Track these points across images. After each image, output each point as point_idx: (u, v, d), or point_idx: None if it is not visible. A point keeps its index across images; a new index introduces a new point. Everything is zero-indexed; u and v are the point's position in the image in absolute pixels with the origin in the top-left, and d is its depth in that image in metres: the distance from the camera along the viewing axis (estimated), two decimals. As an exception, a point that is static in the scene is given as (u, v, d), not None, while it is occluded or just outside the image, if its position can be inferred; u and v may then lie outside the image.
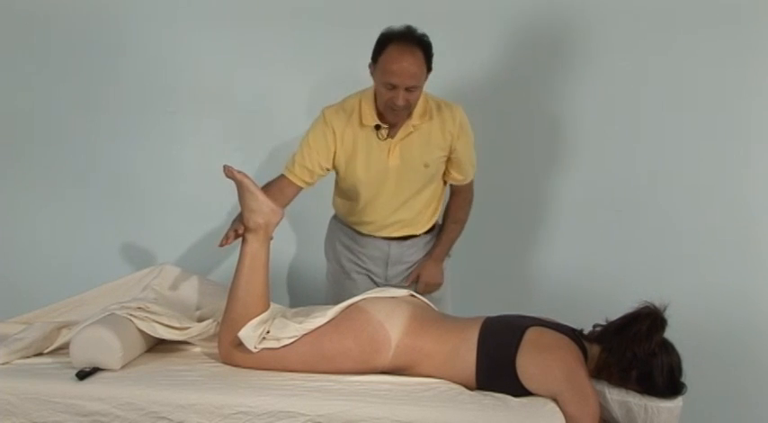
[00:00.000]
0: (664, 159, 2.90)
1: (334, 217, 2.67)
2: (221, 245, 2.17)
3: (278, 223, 2.17)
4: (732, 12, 2.78)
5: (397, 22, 2.27)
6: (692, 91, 2.85)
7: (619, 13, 2.84)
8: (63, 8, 3.12)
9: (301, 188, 2.41)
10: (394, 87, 2.21)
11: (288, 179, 2.40)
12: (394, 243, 2.53)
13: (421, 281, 2.56)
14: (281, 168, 2.45)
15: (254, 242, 2.14)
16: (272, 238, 2.18)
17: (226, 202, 3.05)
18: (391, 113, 2.29)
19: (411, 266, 2.58)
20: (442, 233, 2.59)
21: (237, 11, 3.04)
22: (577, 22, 2.87)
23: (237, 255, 2.19)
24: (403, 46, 2.20)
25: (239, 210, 2.33)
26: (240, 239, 2.17)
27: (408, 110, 2.30)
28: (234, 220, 2.28)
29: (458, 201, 2.58)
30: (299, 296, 3.13)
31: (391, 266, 2.55)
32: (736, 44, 2.80)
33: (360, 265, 2.56)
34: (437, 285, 2.59)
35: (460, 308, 2.42)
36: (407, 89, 2.22)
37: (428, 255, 2.58)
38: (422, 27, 2.26)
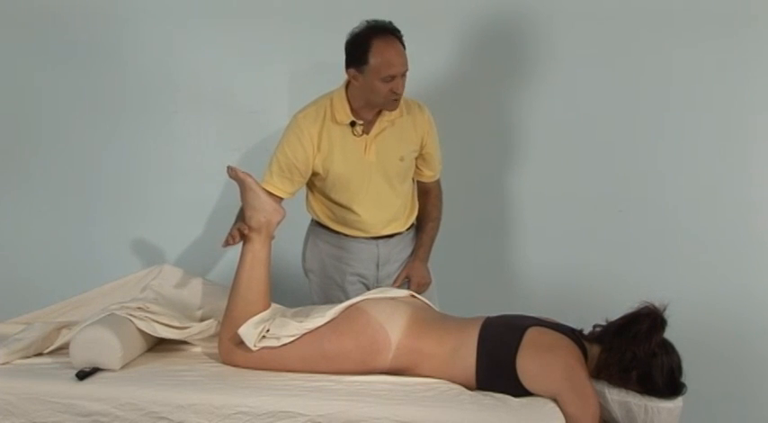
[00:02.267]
0: (664, 159, 2.89)
1: (314, 225, 2.59)
2: (225, 245, 2.16)
3: (280, 222, 2.18)
4: (732, 10, 2.78)
5: (406, 23, 2.33)
6: (693, 90, 2.85)
7: (615, 10, 2.84)
8: (63, 8, 3.12)
9: (282, 199, 2.36)
10: (393, 78, 2.26)
11: (267, 191, 2.30)
12: (381, 242, 2.52)
13: (412, 282, 2.56)
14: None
15: (255, 241, 2.15)
16: (273, 238, 2.19)
17: (225, 202, 3.05)
18: (392, 104, 2.33)
19: (401, 265, 2.58)
20: (421, 233, 2.61)
21: (238, 11, 3.04)
22: (569, 17, 2.87)
23: (237, 255, 2.20)
24: (385, 37, 2.27)
25: (239, 209, 2.34)
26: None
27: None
28: (236, 220, 2.27)
29: (430, 199, 2.62)
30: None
31: (382, 267, 2.54)
32: (737, 43, 2.79)
33: (351, 273, 2.52)
34: (428, 285, 2.60)
35: (458, 310, 2.41)
36: (403, 74, 2.29)
37: (413, 256, 2.58)
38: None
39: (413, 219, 2.61)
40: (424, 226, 2.62)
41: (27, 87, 3.21)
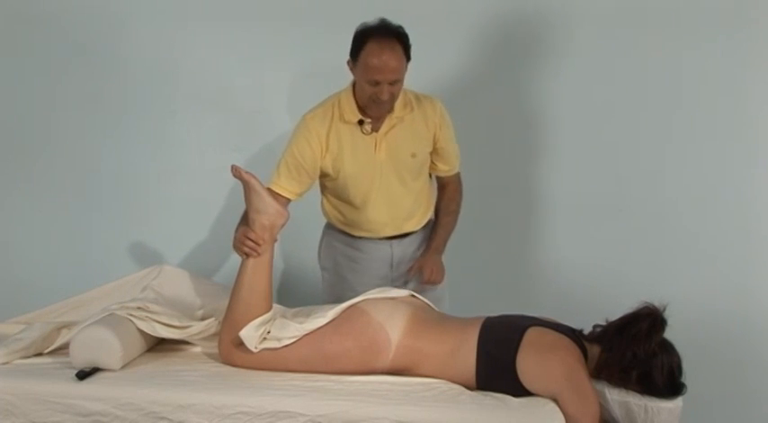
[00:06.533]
0: (665, 158, 2.90)
1: (328, 227, 2.60)
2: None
3: (283, 225, 2.17)
4: (735, 10, 2.78)
5: (406, 23, 2.27)
6: (694, 90, 2.84)
7: (617, 10, 2.84)
8: (63, 8, 3.12)
9: (290, 201, 2.35)
10: (377, 83, 2.21)
11: (275, 193, 2.31)
12: (395, 242, 2.51)
13: (425, 272, 2.46)
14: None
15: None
16: (276, 240, 2.18)
17: (225, 202, 3.05)
18: (375, 107, 2.29)
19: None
20: (437, 226, 2.55)
21: (237, 11, 3.04)
22: (574, 17, 2.87)
23: (238, 255, 2.20)
24: (382, 41, 2.20)
25: (243, 211, 2.33)
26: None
27: (392, 102, 2.30)
28: (239, 224, 2.26)
29: (447, 193, 2.57)
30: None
31: (396, 267, 2.52)
32: (739, 44, 2.79)
33: (364, 273, 2.51)
34: (441, 276, 2.50)
35: (460, 308, 2.41)
36: (391, 83, 2.22)
37: (427, 247, 2.52)
38: (404, 22, 2.26)
39: (428, 216, 2.56)
40: (440, 219, 2.56)
41: (27, 87, 3.21)
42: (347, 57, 2.32)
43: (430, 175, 2.56)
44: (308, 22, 2.99)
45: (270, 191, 2.29)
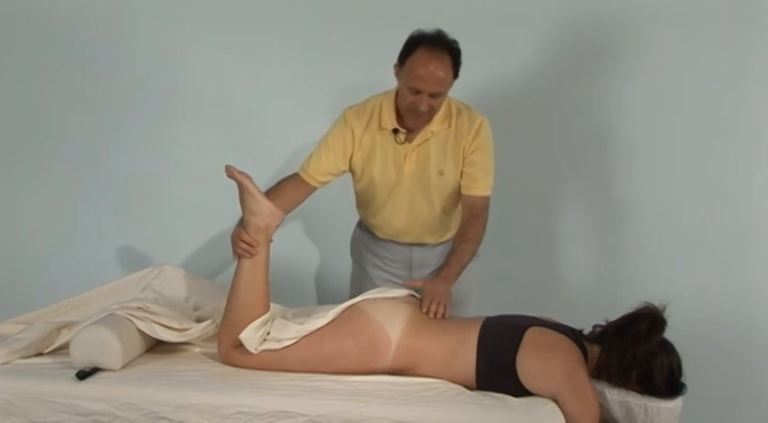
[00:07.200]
0: (665, 157, 2.90)
1: (359, 222, 2.63)
2: (237, 258, 2.13)
3: (278, 226, 2.16)
4: (738, 14, 2.79)
5: (404, 25, 2.23)
6: (696, 91, 2.85)
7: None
8: (63, 9, 3.12)
9: (315, 188, 2.36)
10: (418, 92, 2.15)
11: (301, 178, 2.35)
12: (415, 246, 2.49)
13: (425, 296, 2.13)
14: (280, 169, 2.43)
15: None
16: (272, 241, 2.18)
17: (224, 202, 3.05)
18: (412, 117, 2.24)
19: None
20: (450, 253, 2.30)
21: (237, 12, 3.04)
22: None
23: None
24: (432, 50, 2.14)
25: (238, 211, 2.33)
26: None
27: (430, 115, 2.25)
28: (237, 226, 2.26)
29: (468, 217, 2.34)
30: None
31: (415, 270, 2.49)
32: (744, 45, 2.79)
33: (384, 270, 2.51)
34: (442, 308, 2.10)
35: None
36: (432, 95, 2.16)
37: (436, 274, 2.25)
38: (450, 28, 2.21)
39: (450, 235, 2.48)
40: (455, 246, 2.30)
41: (27, 88, 3.21)
42: (348, 58, 2.31)
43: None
44: (309, 23, 2.99)
45: (296, 176, 2.35)
